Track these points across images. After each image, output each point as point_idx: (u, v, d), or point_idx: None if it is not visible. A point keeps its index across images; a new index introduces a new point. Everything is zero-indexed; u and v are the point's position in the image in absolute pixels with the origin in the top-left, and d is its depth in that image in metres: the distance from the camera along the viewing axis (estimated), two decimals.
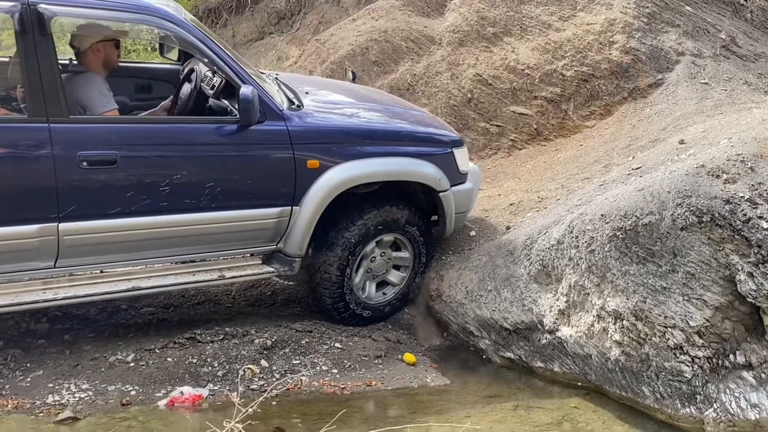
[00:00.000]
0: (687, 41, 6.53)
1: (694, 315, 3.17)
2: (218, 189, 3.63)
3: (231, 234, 3.80)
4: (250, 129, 3.64)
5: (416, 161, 4.14)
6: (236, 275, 3.87)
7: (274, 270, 3.93)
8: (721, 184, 3.25)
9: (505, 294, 4.02)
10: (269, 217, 3.81)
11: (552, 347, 3.78)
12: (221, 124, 3.68)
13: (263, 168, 3.76)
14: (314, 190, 3.82)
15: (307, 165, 3.79)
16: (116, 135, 3.46)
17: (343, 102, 4.55)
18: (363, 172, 3.96)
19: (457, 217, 4.41)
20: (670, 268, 3.23)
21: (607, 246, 3.40)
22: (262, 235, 3.87)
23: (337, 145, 3.91)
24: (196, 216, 3.64)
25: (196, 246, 3.77)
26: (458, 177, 4.36)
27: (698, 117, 5.35)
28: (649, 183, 3.48)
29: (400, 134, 4.25)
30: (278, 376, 3.64)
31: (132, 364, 3.65)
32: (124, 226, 3.49)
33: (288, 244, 3.91)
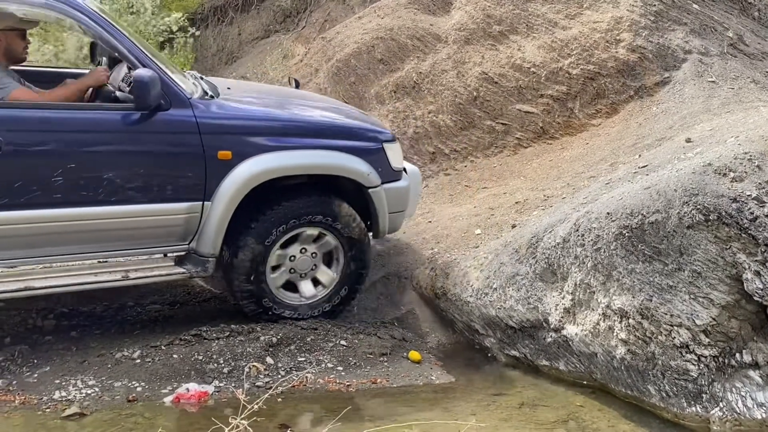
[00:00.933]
0: (694, 39, 6.51)
1: (701, 314, 3.16)
2: (118, 181, 3.42)
3: (135, 231, 3.58)
4: (153, 117, 3.45)
5: (340, 155, 3.94)
6: (142, 276, 3.64)
7: (185, 271, 3.71)
8: (728, 183, 3.24)
9: (511, 292, 4.01)
10: (177, 213, 3.59)
11: (557, 345, 3.77)
12: (119, 111, 3.46)
13: (168, 159, 3.55)
14: (227, 184, 3.59)
15: (218, 156, 3.58)
16: (3, 119, 3.25)
17: (265, 96, 4.35)
18: (279, 164, 3.74)
19: (391, 217, 4.22)
20: (676, 266, 3.22)
21: (613, 244, 3.39)
22: (171, 232, 3.65)
23: (252, 135, 3.71)
24: (93, 210, 3.42)
25: (96, 243, 3.54)
26: (391, 174, 4.17)
27: (705, 115, 5.33)
28: (656, 181, 3.47)
29: (323, 127, 4.07)
30: (283, 374, 3.65)
31: (138, 360, 3.67)
32: (12, 219, 3.27)
33: (201, 243, 3.69)
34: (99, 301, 4.42)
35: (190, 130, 3.55)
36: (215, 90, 3.91)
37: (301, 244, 4.02)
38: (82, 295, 4.39)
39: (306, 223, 3.92)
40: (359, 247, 4.13)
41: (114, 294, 4.48)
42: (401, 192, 4.28)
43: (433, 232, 5.11)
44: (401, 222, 4.48)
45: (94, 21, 3.49)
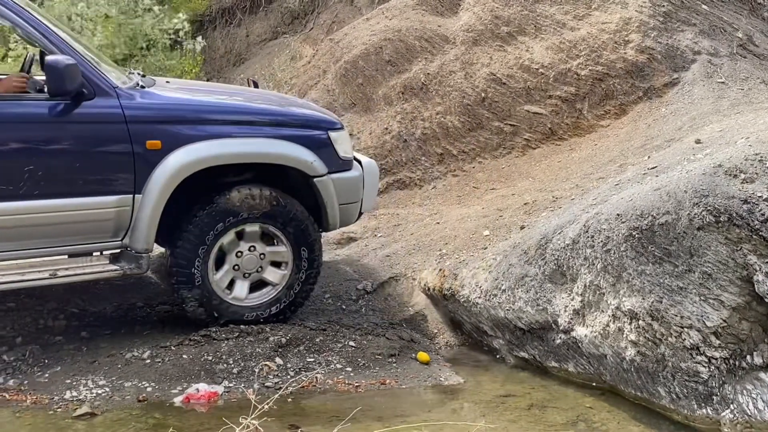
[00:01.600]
0: (703, 40, 6.49)
1: (711, 315, 3.14)
2: (40, 173, 3.30)
3: (61, 226, 3.44)
4: (76, 106, 3.34)
5: (280, 142, 3.78)
6: (72, 274, 3.51)
7: (118, 268, 3.59)
8: (738, 184, 3.22)
9: (520, 294, 4.01)
10: (106, 207, 3.46)
11: (567, 347, 3.77)
12: (41, 101, 3.35)
13: (93, 149, 3.42)
14: (157, 176, 3.47)
15: (146, 146, 3.46)
16: None
17: (203, 88, 4.26)
18: (213, 153, 3.61)
19: (342, 209, 4.05)
20: (686, 268, 3.20)
21: (623, 246, 3.38)
22: (101, 227, 3.51)
23: (182, 125, 3.57)
24: (15, 205, 3.29)
25: (21, 240, 3.39)
26: (338, 163, 4.00)
27: (715, 116, 5.31)
28: (666, 182, 3.46)
29: (260, 114, 3.92)
30: (293, 374, 3.66)
31: (148, 360, 3.69)
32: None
33: (133, 239, 3.56)
34: (109, 301, 4.45)
35: (115, 119, 3.43)
36: (150, 82, 3.82)
37: (247, 242, 3.88)
38: (93, 295, 4.43)
39: (249, 218, 3.77)
40: (309, 242, 3.97)
41: (124, 294, 4.51)
42: (351, 182, 4.10)
43: (441, 234, 5.12)
44: (355, 214, 4.28)
45: (8, 9, 3.35)
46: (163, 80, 4.30)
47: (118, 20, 8.36)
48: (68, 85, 3.26)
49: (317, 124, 4.03)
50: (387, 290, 4.77)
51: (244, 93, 4.53)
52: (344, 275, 5.02)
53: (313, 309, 4.49)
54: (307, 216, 3.98)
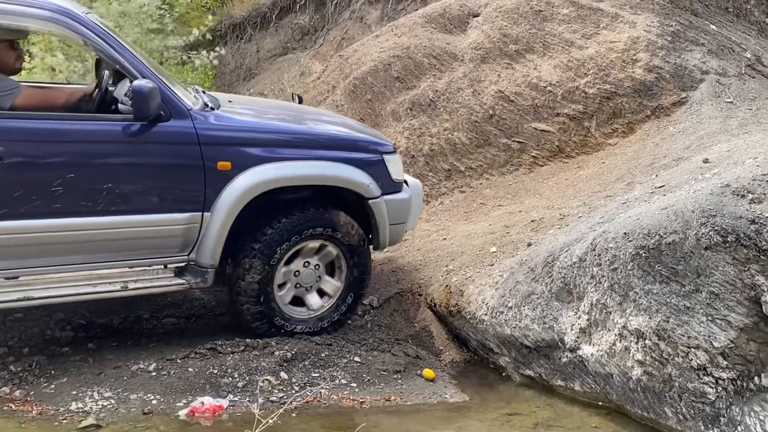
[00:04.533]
0: (711, 60, 6.51)
1: (718, 336, 3.13)
2: (117, 191, 3.42)
3: (134, 241, 3.57)
4: (153, 127, 3.46)
5: (340, 166, 3.94)
6: (141, 287, 3.63)
7: (185, 282, 3.70)
8: (746, 204, 3.22)
9: (526, 311, 4.00)
10: (176, 224, 3.59)
11: (573, 366, 3.75)
12: (120, 121, 3.47)
13: (168, 169, 3.56)
14: (226, 195, 3.60)
15: (217, 167, 3.59)
16: (4, 130, 3.25)
17: (266, 108, 4.38)
18: (279, 175, 3.74)
19: (392, 229, 4.21)
20: (693, 287, 3.19)
21: (629, 264, 3.38)
22: (170, 243, 3.64)
23: (252, 146, 3.72)
24: (93, 220, 3.41)
25: (95, 254, 3.52)
26: (391, 186, 4.18)
27: (723, 136, 5.31)
28: (673, 202, 3.46)
29: (324, 138, 4.09)
30: (297, 389, 3.65)
31: (154, 373, 3.69)
32: (12, 229, 3.27)
33: (200, 254, 3.68)
34: (116, 313, 4.46)
35: (189, 141, 3.56)
36: (216, 102, 3.93)
37: (304, 258, 4.03)
38: (99, 307, 4.45)
39: (308, 236, 3.92)
40: (361, 258, 4.15)
41: (130, 306, 4.52)
42: (402, 204, 4.28)
43: (448, 250, 5.12)
44: (402, 234, 4.47)
45: (95, 34, 3.48)
46: (226, 98, 4.37)
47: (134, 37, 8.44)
48: (151, 109, 3.39)
49: (373, 148, 4.18)
50: (393, 306, 4.76)
51: (303, 112, 4.64)
52: None
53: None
54: (361, 235, 4.14)
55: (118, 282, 3.60)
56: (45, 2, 3.43)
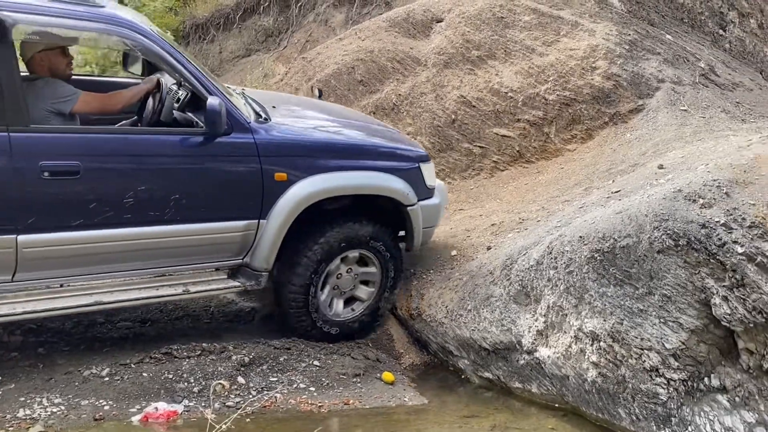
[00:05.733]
0: (667, 69, 6.66)
1: (670, 337, 3.20)
2: (183, 201, 3.57)
3: (196, 247, 3.73)
4: (217, 141, 3.60)
5: (384, 175, 4.14)
6: (201, 290, 3.79)
7: (240, 284, 3.87)
8: (697, 209, 3.30)
9: (485, 314, 4.03)
10: (236, 231, 3.76)
11: (530, 368, 3.79)
12: (188, 135, 3.61)
13: (230, 180, 3.71)
14: (281, 204, 3.78)
15: (274, 178, 3.76)
16: (79, 145, 3.38)
17: (310, 117, 4.53)
18: (331, 185, 3.93)
19: (424, 232, 4.41)
20: (646, 290, 3.26)
21: (585, 267, 3.43)
22: (229, 248, 3.82)
23: (305, 158, 3.88)
24: (160, 229, 3.57)
25: (161, 259, 3.69)
26: (425, 192, 4.37)
27: (677, 143, 5.43)
28: (628, 206, 3.53)
29: (368, 149, 4.26)
30: (255, 393, 3.61)
31: (107, 378, 3.60)
32: (87, 238, 3.40)
33: (254, 258, 3.86)
34: (68, 317, 4.34)
35: (250, 153, 3.71)
36: (266, 112, 4.06)
37: (346, 265, 4.20)
38: None
39: (353, 245, 4.11)
40: (395, 262, 4.34)
41: None
42: (434, 208, 4.49)
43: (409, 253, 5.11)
44: (431, 235, 4.66)
45: (159, 46, 3.59)
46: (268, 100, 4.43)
47: None
48: (222, 125, 3.55)
49: (410, 156, 4.37)
50: None
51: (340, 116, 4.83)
52: None
53: (278, 327, 4.45)
54: (397, 244, 4.34)
55: (180, 285, 3.75)
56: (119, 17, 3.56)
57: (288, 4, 10.00)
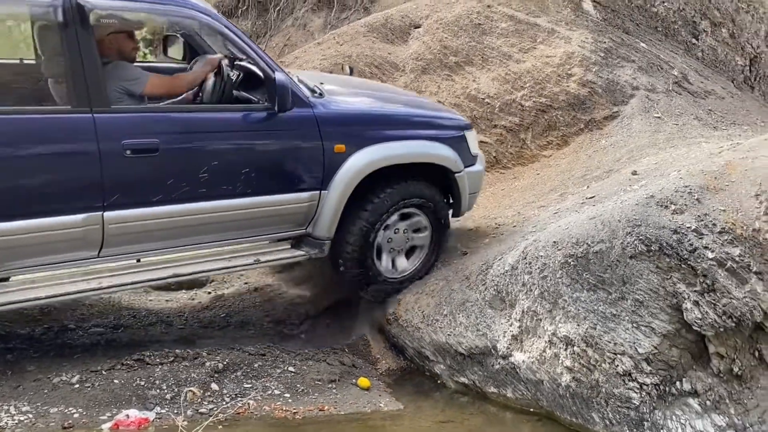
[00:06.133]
0: (641, 76, 6.75)
1: (643, 342, 3.23)
2: (252, 175, 3.73)
3: (264, 219, 3.89)
4: (283, 116, 3.74)
5: (434, 144, 4.32)
6: (271, 259, 4.00)
7: (304, 253, 4.05)
8: (669, 215, 3.34)
9: (461, 319, 4.03)
10: (300, 202, 3.93)
11: (505, 372, 3.80)
12: (256, 111, 3.76)
13: (294, 154, 3.88)
14: (341, 175, 3.95)
15: (334, 150, 3.92)
16: (158, 123, 3.52)
17: (357, 91, 4.71)
18: (386, 155, 4.10)
19: (469, 197, 4.60)
20: (619, 295, 3.29)
21: (558, 272, 3.45)
22: (293, 219, 3.98)
23: (361, 130, 4.06)
24: (231, 202, 3.72)
25: (232, 232, 3.86)
26: (470, 159, 4.55)
27: (651, 149, 5.51)
28: (601, 212, 3.56)
29: (417, 119, 4.43)
30: (228, 400, 3.56)
31: (77, 385, 3.54)
32: (166, 213, 3.55)
33: (317, 228, 4.03)
34: (38, 323, 4.27)
35: (311, 127, 3.87)
36: (319, 88, 4.17)
37: (399, 223, 4.35)
38: (22, 315, 4.24)
39: (407, 204, 4.27)
40: (443, 223, 4.51)
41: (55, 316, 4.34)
42: (478, 175, 4.67)
43: None
44: (474, 202, 4.83)
45: (225, 26, 3.78)
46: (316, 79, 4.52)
47: None
48: (290, 100, 3.70)
49: (456, 125, 4.55)
50: (330, 314, 4.72)
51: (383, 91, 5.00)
52: (287, 298, 4.96)
53: (253, 333, 4.42)
54: (445, 205, 4.51)
55: (251, 256, 3.93)
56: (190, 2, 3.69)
57: (266, 8, 9.96)
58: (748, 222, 3.29)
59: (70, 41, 3.24)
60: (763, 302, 3.16)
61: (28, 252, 3.29)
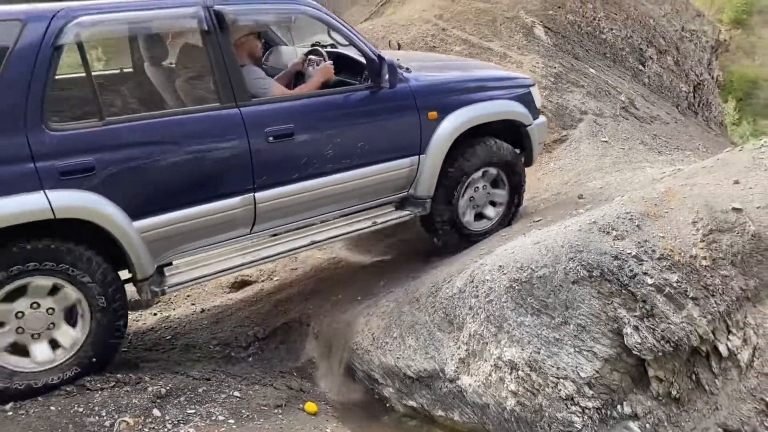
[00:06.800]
0: (590, 101, 6.94)
1: (585, 366, 3.28)
2: (366, 147, 4.20)
3: (376, 185, 4.36)
4: (388, 92, 4.22)
5: (508, 102, 4.78)
6: (385, 220, 4.47)
7: (410, 212, 4.55)
8: (611, 241, 3.42)
9: (410, 341, 4.03)
10: (404, 167, 4.40)
11: (452, 396, 3.81)
12: (364, 90, 4.22)
13: (398, 124, 4.35)
14: (436, 139, 4.43)
15: (428, 117, 4.39)
16: (291, 110, 3.96)
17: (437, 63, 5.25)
18: (472, 116, 4.55)
19: (537, 148, 5.08)
20: (562, 320, 3.34)
21: (504, 297, 3.49)
22: (399, 183, 4.47)
23: (448, 97, 4.51)
24: (352, 173, 4.19)
25: (352, 200, 4.33)
26: (536, 112, 5.02)
27: (598, 173, 5.65)
28: (545, 237, 3.62)
29: (491, 82, 4.85)
30: (170, 427, 3.47)
31: (10, 413, 3.39)
32: (302, 189, 4.01)
33: (418, 189, 4.53)
34: None
35: (409, 99, 4.35)
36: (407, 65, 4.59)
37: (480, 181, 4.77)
38: None
39: (488, 164, 4.71)
40: (520, 173, 4.94)
41: None
42: (543, 126, 5.16)
43: (338, 279, 5.10)
44: (539, 152, 5.29)
45: (333, 18, 4.22)
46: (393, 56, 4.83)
47: None
48: (397, 78, 4.22)
49: (524, 84, 4.98)
50: (279, 337, 4.67)
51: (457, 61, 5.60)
52: (235, 320, 4.88)
53: (199, 356, 4.33)
54: (521, 161, 4.94)
55: (368, 219, 4.43)
56: (307, 1, 4.14)
57: None
58: (686, 249, 3.40)
59: (213, 45, 3.67)
60: (699, 327, 3.25)
61: (196, 235, 3.76)
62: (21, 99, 3.20)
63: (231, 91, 3.72)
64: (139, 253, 3.54)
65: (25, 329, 3.42)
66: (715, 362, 3.33)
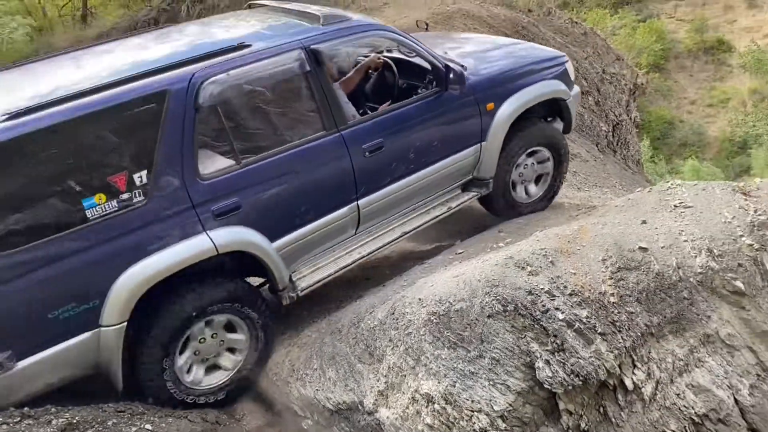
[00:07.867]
0: None
1: (498, 399, 3.35)
2: (440, 144, 4.79)
3: (449, 175, 4.94)
4: (452, 93, 4.77)
5: (550, 82, 5.28)
6: (457, 203, 5.05)
7: (476, 193, 5.14)
8: (525, 276, 3.54)
9: (330, 373, 4.02)
10: (470, 155, 4.99)
11: (371, 429, 3.80)
12: (433, 95, 4.75)
13: (462, 120, 4.89)
14: (494, 126, 4.98)
15: (486, 109, 4.94)
16: (379, 125, 4.50)
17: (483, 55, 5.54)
18: (523, 101, 5.07)
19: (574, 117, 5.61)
20: (478, 353, 3.41)
21: (422, 329, 3.54)
22: (466, 170, 5.04)
23: (500, 87, 5.03)
24: (430, 168, 4.78)
25: (430, 191, 4.91)
26: (571, 84, 5.50)
27: None
28: (464, 270, 3.70)
29: (534, 66, 5.27)
30: None
31: None
32: (393, 190, 4.62)
33: (482, 171, 5.10)
34: None
35: (470, 95, 4.88)
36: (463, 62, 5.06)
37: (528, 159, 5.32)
38: None
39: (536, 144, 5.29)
40: (564, 148, 5.48)
41: None
42: (577, 96, 5.70)
43: None
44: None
45: (406, 38, 4.76)
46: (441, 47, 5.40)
47: None
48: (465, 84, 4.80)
49: (558, 61, 5.46)
50: None
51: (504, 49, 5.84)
52: None
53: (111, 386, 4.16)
54: (562, 136, 5.50)
55: (443, 205, 5.02)
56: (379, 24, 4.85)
57: None
58: (596, 285, 3.55)
59: (315, 81, 4.22)
60: (606, 362, 3.39)
61: (316, 244, 4.39)
62: (177, 158, 3.75)
63: (331, 117, 4.29)
64: (280, 267, 4.14)
65: None
66: (622, 395, 3.47)
